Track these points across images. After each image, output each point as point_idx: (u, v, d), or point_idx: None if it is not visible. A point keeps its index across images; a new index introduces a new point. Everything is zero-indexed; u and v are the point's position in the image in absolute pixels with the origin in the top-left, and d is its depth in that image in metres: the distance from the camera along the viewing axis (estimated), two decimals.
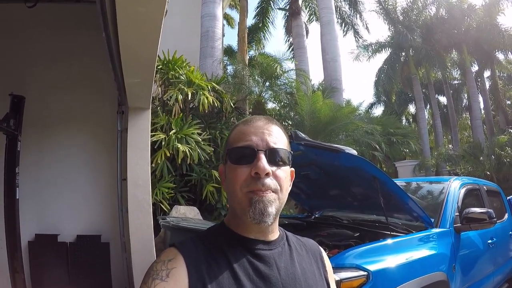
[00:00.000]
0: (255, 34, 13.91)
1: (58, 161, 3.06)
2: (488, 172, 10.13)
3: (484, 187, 3.21)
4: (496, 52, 17.07)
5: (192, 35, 9.10)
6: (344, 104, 9.48)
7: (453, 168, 12.61)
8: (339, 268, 1.56)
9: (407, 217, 2.32)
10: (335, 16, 11.02)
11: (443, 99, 21.68)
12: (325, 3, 10.06)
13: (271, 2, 13.09)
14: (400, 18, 16.94)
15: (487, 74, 19.64)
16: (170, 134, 4.89)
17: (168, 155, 4.75)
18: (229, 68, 9.67)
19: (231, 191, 0.67)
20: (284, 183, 0.67)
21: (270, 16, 13.46)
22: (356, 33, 14.03)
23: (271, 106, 10.06)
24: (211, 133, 5.66)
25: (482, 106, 18.83)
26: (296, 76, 8.45)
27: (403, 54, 17.43)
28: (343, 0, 13.48)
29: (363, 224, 2.48)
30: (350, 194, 2.63)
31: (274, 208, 0.64)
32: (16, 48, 2.94)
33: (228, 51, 14.08)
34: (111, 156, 3.11)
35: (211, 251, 0.65)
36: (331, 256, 1.67)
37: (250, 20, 13.80)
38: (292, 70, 8.84)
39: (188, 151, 4.79)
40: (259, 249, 0.67)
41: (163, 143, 4.80)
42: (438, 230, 2.20)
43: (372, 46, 17.55)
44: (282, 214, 3.68)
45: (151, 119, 3.31)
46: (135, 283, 2.73)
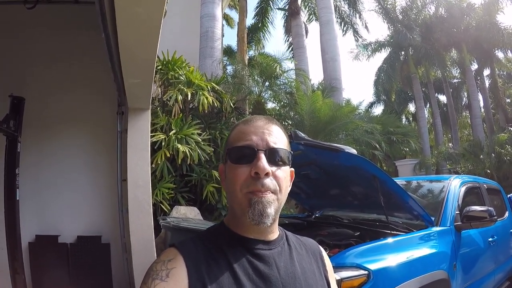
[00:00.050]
0: (254, 34, 13.91)
1: (58, 162, 3.06)
2: (489, 170, 10.13)
3: (485, 185, 3.21)
4: (496, 51, 17.06)
5: (191, 35, 9.11)
6: (344, 103, 9.49)
7: (453, 167, 12.59)
8: (339, 267, 1.55)
9: (407, 216, 2.32)
10: (335, 16, 11.03)
11: (443, 98, 21.71)
12: (324, 3, 10.06)
13: (270, 2, 13.09)
14: (400, 17, 16.97)
15: (486, 72, 19.65)
16: (170, 134, 4.89)
17: (168, 155, 4.75)
18: (228, 68, 9.69)
19: (231, 191, 0.67)
20: (284, 184, 0.67)
21: (270, 16, 13.48)
22: (356, 32, 14.05)
23: (271, 106, 10.06)
24: (211, 133, 5.66)
25: (482, 104, 18.86)
26: (295, 76, 8.44)
27: (402, 53, 17.44)
28: (342, 0, 13.49)
29: (363, 223, 2.48)
30: (350, 193, 2.63)
31: (273, 209, 0.64)
32: (16, 48, 2.94)
33: (227, 51, 14.10)
34: (111, 156, 3.12)
35: (211, 251, 0.65)
36: (331, 256, 1.66)
37: (250, 20, 13.82)
38: (291, 70, 8.85)
39: (188, 151, 4.79)
40: (259, 249, 0.67)
41: (163, 143, 4.80)
42: (438, 229, 2.20)
43: (372, 45, 17.58)
44: (283, 214, 3.68)
45: (151, 120, 3.32)
46: (136, 284, 2.73)
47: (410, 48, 16.61)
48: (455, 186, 2.66)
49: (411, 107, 22.71)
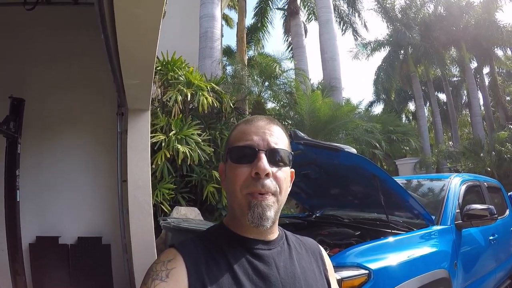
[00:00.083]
0: (254, 34, 13.91)
1: (58, 163, 3.06)
2: (489, 168, 10.14)
3: (485, 184, 3.21)
4: (495, 49, 17.06)
5: (191, 36, 9.11)
6: (343, 103, 9.49)
7: (453, 165, 12.59)
8: (340, 267, 1.55)
9: (407, 214, 2.32)
10: (334, 15, 11.03)
11: (442, 96, 21.71)
12: (323, 2, 10.05)
13: (269, 2, 13.08)
14: (399, 16, 16.96)
15: (486, 70, 19.65)
16: (170, 135, 4.89)
17: (168, 156, 4.75)
18: (228, 68, 9.70)
19: (231, 191, 0.67)
20: (284, 185, 0.67)
21: (269, 16, 13.46)
22: (355, 31, 14.03)
23: (271, 106, 10.06)
24: (211, 133, 5.66)
25: (481, 102, 18.82)
26: (295, 76, 8.45)
27: (402, 52, 17.44)
28: None
29: (364, 223, 2.47)
30: (350, 192, 2.62)
31: (272, 212, 0.64)
32: (15, 48, 2.94)
33: (227, 52, 14.11)
34: (111, 157, 3.12)
35: (211, 251, 0.65)
36: (332, 255, 1.66)
37: (249, 20, 13.79)
38: (291, 69, 8.86)
39: (188, 152, 4.79)
40: (258, 248, 0.67)
41: (163, 144, 4.80)
42: (439, 228, 2.20)
43: (371, 45, 17.58)
44: (283, 214, 3.68)
45: (150, 121, 3.32)
46: (137, 285, 2.73)
47: (410, 47, 16.59)
48: (455, 185, 2.66)
49: (411, 106, 22.75)
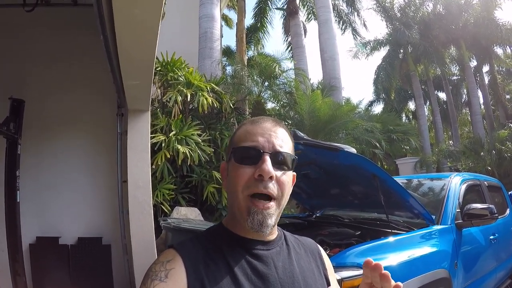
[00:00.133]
0: (253, 34, 13.90)
1: (58, 163, 3.06)
2: (489, 167, 10.13)
3: (485, 183, 3.20)
4: (494, 47, 17.05)
5: (190, 36, 9.11)
6: (343, 102, 9.49)
7: (454, 164, 12.58)
8: (340, 267, 1.55)
9: (408, 214, 2.31)
10: (333, 15, 11.03)
11: (442, 95, 21.69)
12: (322, 2, 10.05)
13: (268, 2, 13.07)
14: (398, 15, 16.94)
15: (485, 69, 19.61)
16: (170, 135, 4.90)
17: (168, 156, 4.75)
18: (228, 68, 9.70)
19: (232, 191, 0.67)
20: (286, 189, 0.67)
21: (268, 16, 13.45)
22: (354, 31, 14.03)
23: (271, 106, 10.06)
24: (211, 134, 5.66)
25: (481, 101, 18.79)
26: (295, 76, 8.45)
27: (401, 51, 17.41)
28: None
29: (364, 223, 2.47)
30: (350, 192, 2.62)
31: (273, 220, 0.64)
32: (15, 49, 2.94)
33: (226, 52, 14.09)
34: (111, 157, 3.12)
35: (210, 251, 0.65)
36: (332, 255, 1.66)
37: (249, 20, 13.76)
38: (291, 69, 8.86)
39: (188, 152, 4.79)
40: (257, 249, 0.67)
41: (163, 144, 4.80)
42: (439, 227, 2.20)
43: (370, 44, 17.56)
44: (283, 214, 3.68)
45: (150, 121, 3.32)
46: (137, 285, 2.73)
47: (409, 46, 16.58)
48: (455, 184, 2.65)
49: (411, 105, 22.72)
